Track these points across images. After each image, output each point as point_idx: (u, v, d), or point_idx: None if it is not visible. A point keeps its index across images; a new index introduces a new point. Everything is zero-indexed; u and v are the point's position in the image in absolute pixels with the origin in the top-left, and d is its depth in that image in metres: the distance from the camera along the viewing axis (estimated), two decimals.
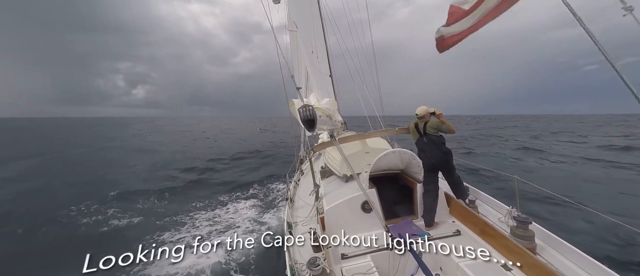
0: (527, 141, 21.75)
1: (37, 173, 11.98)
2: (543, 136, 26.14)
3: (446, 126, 3.57)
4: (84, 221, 6.59)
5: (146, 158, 15.96)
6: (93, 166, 13.67)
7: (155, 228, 6.19)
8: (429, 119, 3.80)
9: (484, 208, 3.52)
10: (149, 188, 9.31)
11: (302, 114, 2.54)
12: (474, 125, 51.12)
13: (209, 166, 13.32)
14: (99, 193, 8.57)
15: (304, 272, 2.32)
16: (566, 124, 54.03)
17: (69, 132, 42.63)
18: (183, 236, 5.94)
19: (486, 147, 18.99)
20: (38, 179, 10.65)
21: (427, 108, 3.82)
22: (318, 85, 4.95)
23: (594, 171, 10.95)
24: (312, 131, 2.75)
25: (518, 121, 73.80)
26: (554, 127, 40.19)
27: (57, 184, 10.02)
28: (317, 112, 2.77)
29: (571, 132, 31.37)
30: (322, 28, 6.44)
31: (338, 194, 3.46)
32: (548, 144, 19.69)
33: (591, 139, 23.41)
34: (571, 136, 26.59)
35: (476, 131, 33.73)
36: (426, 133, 3.66)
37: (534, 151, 16.36)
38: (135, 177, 11.23)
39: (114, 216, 6.88)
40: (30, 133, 41.39)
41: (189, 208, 7.46)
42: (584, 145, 19.34)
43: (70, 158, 15.96)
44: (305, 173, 6.12)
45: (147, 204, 7.90)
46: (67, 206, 7.37)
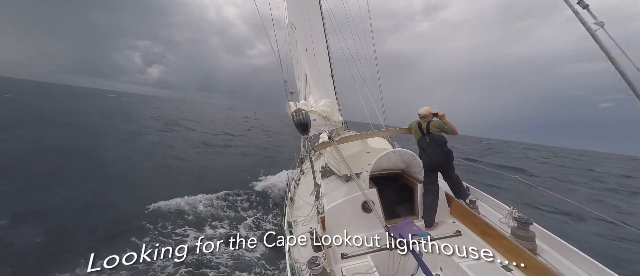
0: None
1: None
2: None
3: (449, 126, 3.57)
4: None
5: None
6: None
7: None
8: (431, 119, 3.81)
9: (484, 208, 3.52)
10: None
11: (295, 118, 2.56)
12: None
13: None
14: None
15: (304, 272, 2.33)
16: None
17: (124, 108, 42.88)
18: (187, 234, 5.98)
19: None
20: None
21: (430, 109, 3.84)
22: (317, 85, 4.93)
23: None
24: (306, 134, 2.76)
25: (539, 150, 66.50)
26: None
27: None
28: (310, 116, 2.78)
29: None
30: (322, 26, 6.43)
31: (338, 194, 3.47)
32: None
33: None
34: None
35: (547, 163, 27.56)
36: (429, 132, 3.67)
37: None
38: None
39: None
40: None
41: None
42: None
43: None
44: (306, 172, 6.13)
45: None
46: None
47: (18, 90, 58.00)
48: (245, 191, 9.06)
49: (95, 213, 6.60)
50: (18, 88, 68.07)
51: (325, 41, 6.39)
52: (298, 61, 7.38)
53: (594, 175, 21.91)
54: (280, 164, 12.31)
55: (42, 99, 41.81)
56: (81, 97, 63.57)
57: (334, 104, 5.09)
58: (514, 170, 18.17)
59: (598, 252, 5.41)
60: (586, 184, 16.13)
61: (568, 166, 27.94)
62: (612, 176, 21.59)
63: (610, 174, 22.84)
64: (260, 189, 9.24)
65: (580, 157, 52.64)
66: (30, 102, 33.34)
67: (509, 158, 29.81)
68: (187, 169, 11.45)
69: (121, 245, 5.31)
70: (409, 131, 4.52)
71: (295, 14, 5.09)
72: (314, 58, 5.13)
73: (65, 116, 24.60)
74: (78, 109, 32.61)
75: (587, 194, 13.17)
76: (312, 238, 2.71)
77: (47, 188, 7.65)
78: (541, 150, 64.50)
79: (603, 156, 70.46)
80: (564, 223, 6.51)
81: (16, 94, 43.90)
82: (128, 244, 5.35)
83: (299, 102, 3.50)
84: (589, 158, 54.30)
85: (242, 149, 17.97)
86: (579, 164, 31.32)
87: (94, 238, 5.55)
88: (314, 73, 5.11)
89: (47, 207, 6.56)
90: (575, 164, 30.63)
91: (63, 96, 57.57)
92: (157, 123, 26.83)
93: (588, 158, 50.25)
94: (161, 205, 7.05)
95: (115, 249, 4.95)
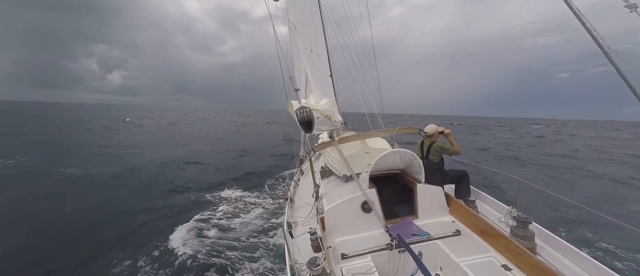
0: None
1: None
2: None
3: (453, 148, 3.72)
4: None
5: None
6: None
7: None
8: (437, 138, 3.94)
9: (483, 207, 3.52)
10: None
11: (299, 116, 2.55)
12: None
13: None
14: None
15: (304, 272, 2.33)
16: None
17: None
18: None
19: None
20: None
21: (437, 127, 3.95)
22: (318, 85, 4.93)
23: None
24: (310, 132, 2.76)
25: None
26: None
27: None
28: (314, 114, 2.77)
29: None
30: (322, 26, 6.43)
31: (338, 194, 3.47)
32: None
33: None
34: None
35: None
36: (427, 157, 3.84)
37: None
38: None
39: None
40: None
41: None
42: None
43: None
44: (305, 172, 6.13)
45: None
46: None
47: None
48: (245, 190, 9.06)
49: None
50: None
51: (325, 42, 6.39)
52: (299, 61, 7.38)
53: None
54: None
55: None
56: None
57: (334, 104, 5.10)
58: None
59: (598, 252, 5.44)
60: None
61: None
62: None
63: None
64: (260, 189, 9.25)
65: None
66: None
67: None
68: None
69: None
70: (408, 131, 4.54)
71: (296, 13, 5.10)
72: (317, 58, 5.13)
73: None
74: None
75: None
76: (312, 238, 2.71)
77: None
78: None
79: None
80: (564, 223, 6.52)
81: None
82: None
83: (301, 101, 3.51)
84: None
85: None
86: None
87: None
88: (315, 73, 5.11)
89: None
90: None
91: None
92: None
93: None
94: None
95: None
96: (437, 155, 3.82)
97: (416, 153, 4.04)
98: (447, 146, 3.78)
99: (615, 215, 2.68)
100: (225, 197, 8.46)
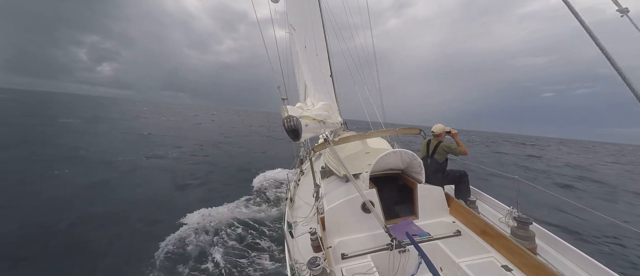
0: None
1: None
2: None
3: (459, 148, 3.74)
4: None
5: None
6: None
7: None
8: (444, 138, 3.95)
9: (484, 208, 3.52)
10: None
11: (286, 124, 2.56)
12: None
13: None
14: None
15: (304, 272, 2.32)
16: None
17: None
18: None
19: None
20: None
21: (444, 127, 3.96)
22: (317, 86, 4.91)
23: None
24: (297, 140, 2.76)
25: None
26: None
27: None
28: (302, 122, 2.77)
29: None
30: (322, 26, 6.43)
31: (338, 194, 3.46)
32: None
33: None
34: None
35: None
36: (433, 156, 3.84)
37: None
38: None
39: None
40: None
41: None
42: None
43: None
44: (306, 172, 6.12)
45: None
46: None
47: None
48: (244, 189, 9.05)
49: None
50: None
51: (324, 42, 6.38)
52: (299, 64, 7.39)
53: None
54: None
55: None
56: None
57: (333, 105, 5.08)
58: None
59: (598, 251, 5.44)
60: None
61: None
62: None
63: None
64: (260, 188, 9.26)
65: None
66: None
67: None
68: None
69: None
70: (409, 132, 4.55)
71: (295, 14, 5.09)
72: (315, 56, 5.11)
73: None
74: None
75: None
76: (312, 238, 2.71)
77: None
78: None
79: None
80: (564, 223, 6.53)
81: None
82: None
83: (296, 105, 3.49)
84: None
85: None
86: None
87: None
88: (315, 74, 5.09)
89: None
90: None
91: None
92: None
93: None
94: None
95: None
96: (443, 155, 3.82)
97: (422, 151, 4.03)
98: (454, 146, 3.79)
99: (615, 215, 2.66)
100: (225, 197, 8.46)
